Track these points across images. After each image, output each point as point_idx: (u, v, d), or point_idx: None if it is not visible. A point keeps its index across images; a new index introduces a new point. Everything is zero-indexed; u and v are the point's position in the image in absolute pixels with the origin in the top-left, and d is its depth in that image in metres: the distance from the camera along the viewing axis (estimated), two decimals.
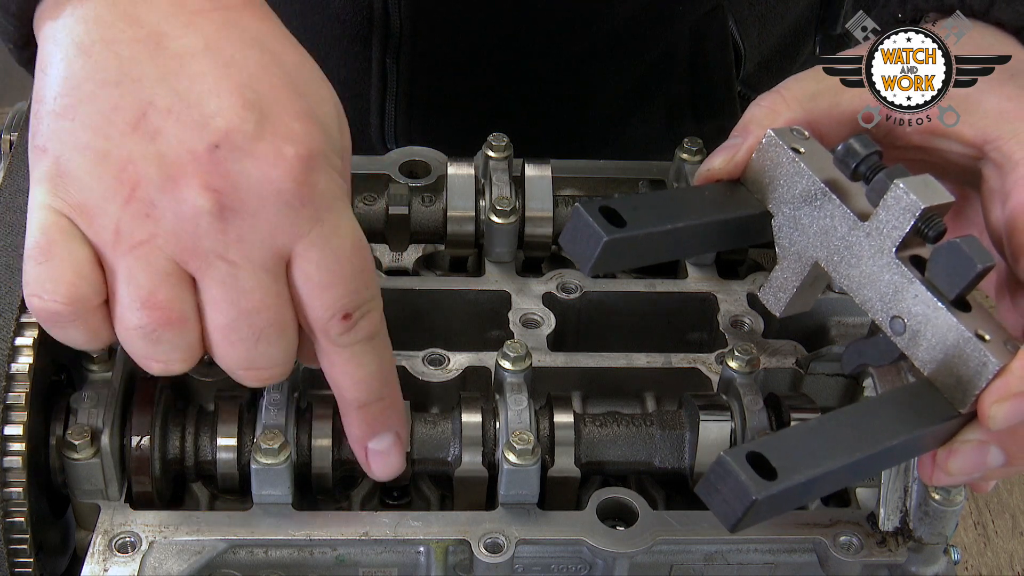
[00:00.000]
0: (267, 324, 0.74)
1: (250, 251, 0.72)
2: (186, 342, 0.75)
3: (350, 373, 0.79)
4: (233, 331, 0.74)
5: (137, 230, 0.72)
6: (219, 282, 0.73)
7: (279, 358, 0.77)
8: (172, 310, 0.73)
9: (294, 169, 0.72)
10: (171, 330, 0.74)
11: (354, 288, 0.76)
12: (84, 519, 0.88)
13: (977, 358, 0.74)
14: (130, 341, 0.75)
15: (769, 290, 0.84)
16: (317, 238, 0.74)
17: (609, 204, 0.77)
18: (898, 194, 0.76)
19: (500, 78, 1.30)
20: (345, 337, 0.77)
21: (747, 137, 0.84)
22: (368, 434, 0.82)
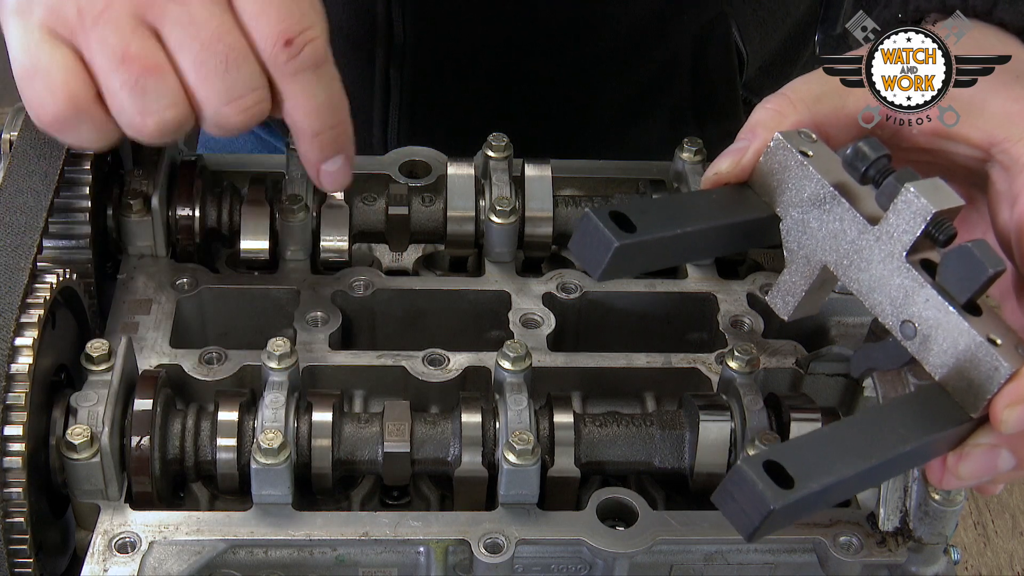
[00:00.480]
0: (229, 49, 0.81)
1: None
2: (169, 88, 0.81)
3: (302, 105, 0.86)
4: (203, 64, 0.81)
5: (95, 4, 0.80)
6: (176, 22, 0.80)
7: (252, 81, 0.82)
8: (147, 58, 0.80)
9: None
10: (151, 76, 0.80)
11: (291, 13, 0.82)
12: (84, 519, 0.88)
13: (989, 363, 0.74)
14: (120, 106, 0.81)
15: (777, 294, 0.84)
16: None
17: (619, 209, 0.77)
18: (909, 198, 0.76)
19: (502, 87, 1.30)
20: (291, 64, 0.83)
21: (754, 140, 0.84)
22: (321, 158, 0.90)
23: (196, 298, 1.00)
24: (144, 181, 1.00)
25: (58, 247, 0.95)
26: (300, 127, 0.88)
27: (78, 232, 0.95)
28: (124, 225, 1.00)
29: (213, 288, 1.00)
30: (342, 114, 0.89)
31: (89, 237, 0.95)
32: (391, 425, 0.88)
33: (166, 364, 0.94)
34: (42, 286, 0.84)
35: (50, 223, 0.90)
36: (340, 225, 1.03)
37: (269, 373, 0.88)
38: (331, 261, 1.03)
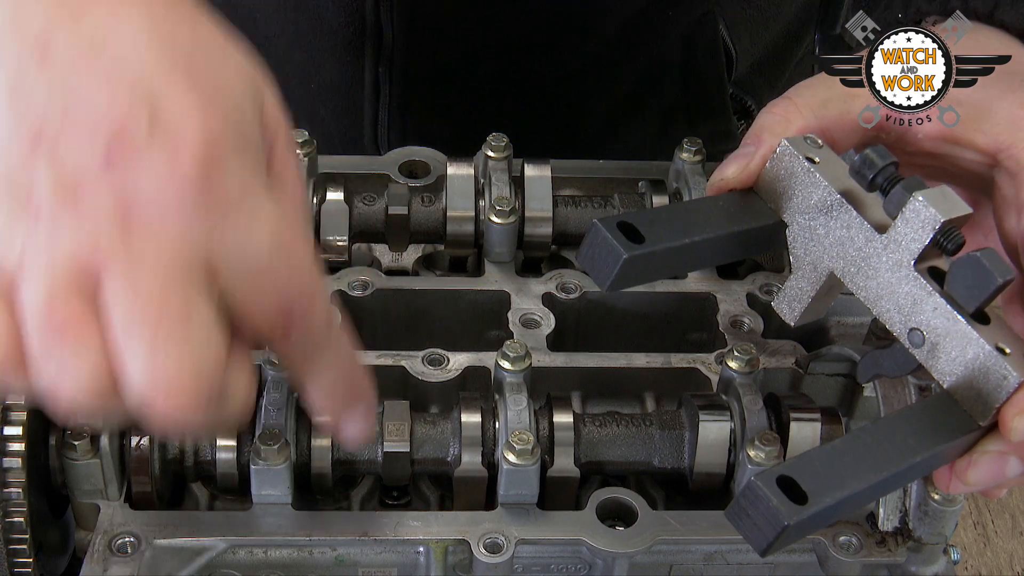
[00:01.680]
0: (165, 315, 0.65)
1: (155, 259, 0.66)
2: (88, 354, 0.66)
3: (309, 379, 0.73)
4: (129, 326, 0.66)
5: (40, 252, 0.66)
6: (119, 280, 0.66)
7: (182, 363, 0.66)
8: (70, 315, 0.66)
9: (192, 170, 0.66)
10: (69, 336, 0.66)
11: (283, 289, 0.69)
12: (84, 519, 0.88)
13: (998, 371, 0.74)
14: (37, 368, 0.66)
15: (783, 300, 0.84)
16: (229, 241, 0.67)
17: (627, 219, 0.77)
18: (917, 207, 0.76)
19: (492, 86, 1.30)
20: (292, 345, 0.71)
21: (760, 146, 0.83)
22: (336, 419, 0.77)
23: None
24: None
25: None
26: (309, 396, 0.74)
27: None
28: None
29: None
30: (354, 374, 0.76)
31: None
32: (391, 425, 0.88)
33: None
34: None
35: None
36: (340, 225, 1.03)
37: (270, 373, 0.88)
38: (331, 261, 1.03)
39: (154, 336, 0.65)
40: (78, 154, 0.66)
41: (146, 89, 0.67)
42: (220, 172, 0.67)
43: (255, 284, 0.68)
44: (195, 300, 0.66)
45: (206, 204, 0.67)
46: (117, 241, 0.66)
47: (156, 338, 0.65)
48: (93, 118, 0.67)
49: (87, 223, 0.66)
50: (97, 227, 0.66)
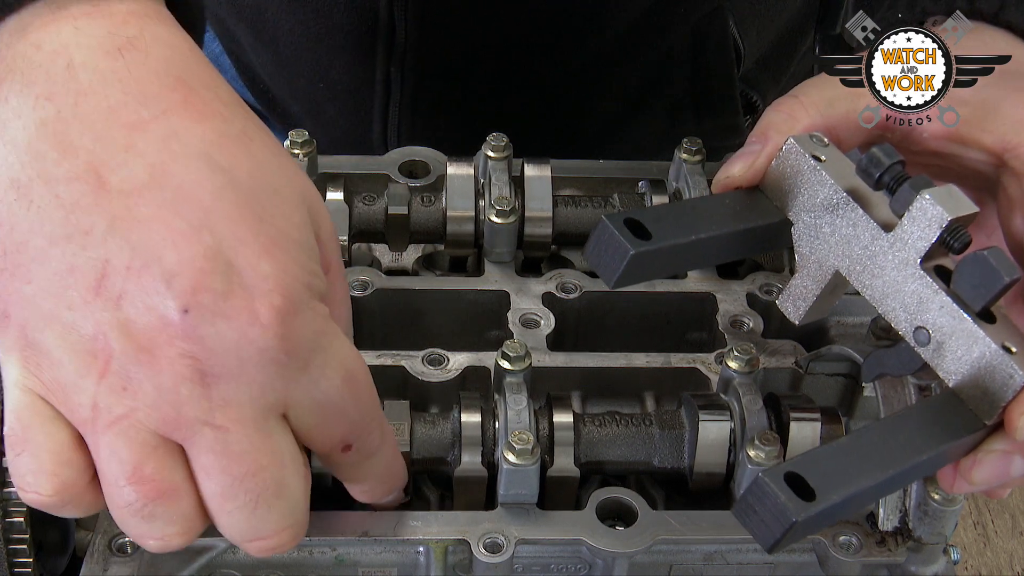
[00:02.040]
0: (264, 488, 0.69)
1: (239, 413, 0.68)
2: (181, 514, 0.69)
3: (359, 490, 0.81)
4: (229, 499, 0.69)
5: (115, 405, 0.67)
6: (208, 449, 0.68)
7: (282, 522, 0.71)
8: (161, 482, 0.68)
9: (273, 325, 0.67)
10: (163, 504, 0.69)
11: (351, 418, 0.73)
12: (84, 519, 0.88)
13: (1004, 370, 0.74)
14: (123, 520, 0.70)
15: (788, 298, 0.84)
16: (308, 383, 0.70)
17: (633, 216, 0.77)
18: (924, 205, 0.76)
19: (502, 84, 1.30)
20: (349, 460, 0.77)
21: (766, 144, 0.83)
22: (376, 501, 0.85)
23: None
24: None
25: None
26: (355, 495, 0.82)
27: None
28: None
29: None
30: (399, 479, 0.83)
31: None
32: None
33: None
34: None
35: None
36: (339, 225, 1.03)
37: None
38: None
39: (254, 506, 0.69)
40: (151, 308, 0.66)
41: (214, 234, 0.67)
42: (297, 322, 0.68)
43: (325, 419, 0.72)
44: (283, 452, 0.70)
45: (287, 356, 0.68)
46: (199, 401, 0.67)
47: (256, 507, 0.70)
48: (165, 268, 0.66)
49: (166, 382, 0.66)
50: (177, 387, 0.66)
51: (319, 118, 1.33)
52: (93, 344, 0.66)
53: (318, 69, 1.29)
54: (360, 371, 0.74)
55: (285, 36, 1.28)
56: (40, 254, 0.67)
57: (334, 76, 1.30)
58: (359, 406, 0.73)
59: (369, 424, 0.75)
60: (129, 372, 0.66)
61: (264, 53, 1.32)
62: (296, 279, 0.69)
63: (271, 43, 1.30)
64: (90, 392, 0.67)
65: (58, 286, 0.66)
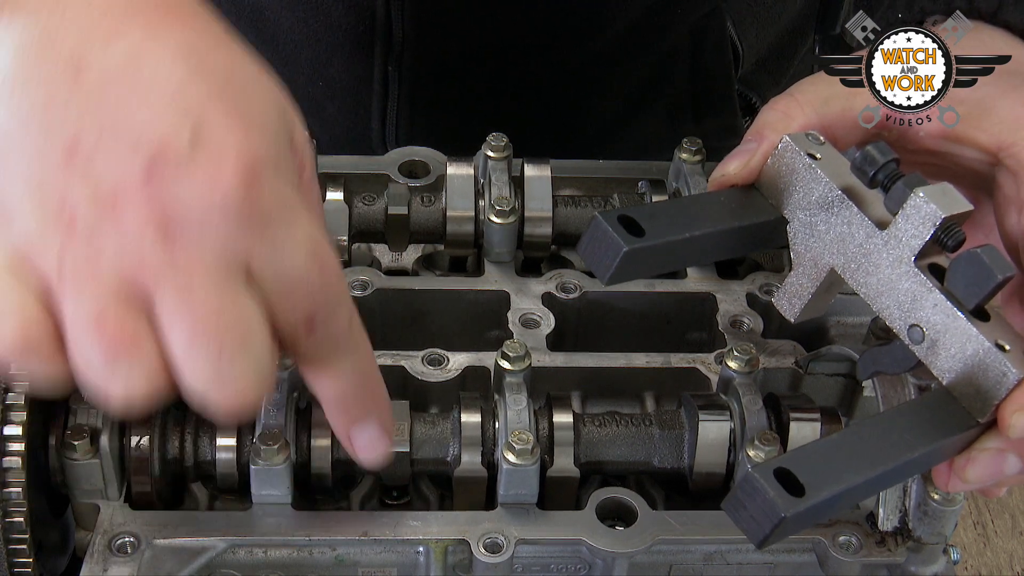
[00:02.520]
0: (227, 337, 0.69)
1: (201, 267, 0.69)
2: (144, 363, 0.69)
3: (323, 378, 0.77)
4: (193, 348, 0.69)
5: (80, 259, 0.68)
6: (172, 300, 0.69)
7: (247, 375, 0.71)
8: (125, 332, 0.68)
9: (235, 185, 0.68)
10: (127, 353, 0.69)
11: (314, 295, 0.73)
12: (84, 519, 0.88)
13: (997, 368, 0.74)
14: (87, 375, 0.69)
15: (783, 296, 0.84)
16: (270, 248, 0.71)
17: (627, 213, 0.77)
18: (918, 203, 0.76)
19: (501, 83, 1.30)
20: (311, 346, 0.74)
21: (762, 142, 0.84)
22: (348, 424, 0.80)
23: None
24: None
25: None
26: (323, 397, 0.78)
27: None
28: None
29: None
30: (369, 382, 0.79)
31: None
32: None
33: None
34: None
35: None
36: (339, 225, 1.03)
37: None
38: None
39: (219, 354, 0.69)
40: (117, 168, 0.68)
41: (185, 107, 0.69)
42: (260, 187, 0.69)
43: (288, 291, 0.71)
44: (248, 309, 0.70)
45: (248, 216, 0.69)
46: (162, 254, 0.68)
47: (221, 356, 0.69)
48: (133, 133, 0.68)
49: (130, 236, 0.68)
50: (141, 240, 0.68)
51: (318, 117, 1.33)
52: (60, 203, 0.68)
53: (317, 67, 1.30)
54: (326, 252, 0.73)
55: (284, 34, 1.29)
56: (16, 134, 0.69)
57: (333, 74, 1.30)
58: (324, 283, 0.73)
59: (335, 306, 0.74)
60: (94, 228, 0.68)
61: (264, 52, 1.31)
62: (265, 154, 0.70)
63: (270, 41, 1.30)
64: (55, 248, 0.68)
65: (32, 155, 0.69)
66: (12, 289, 0.69)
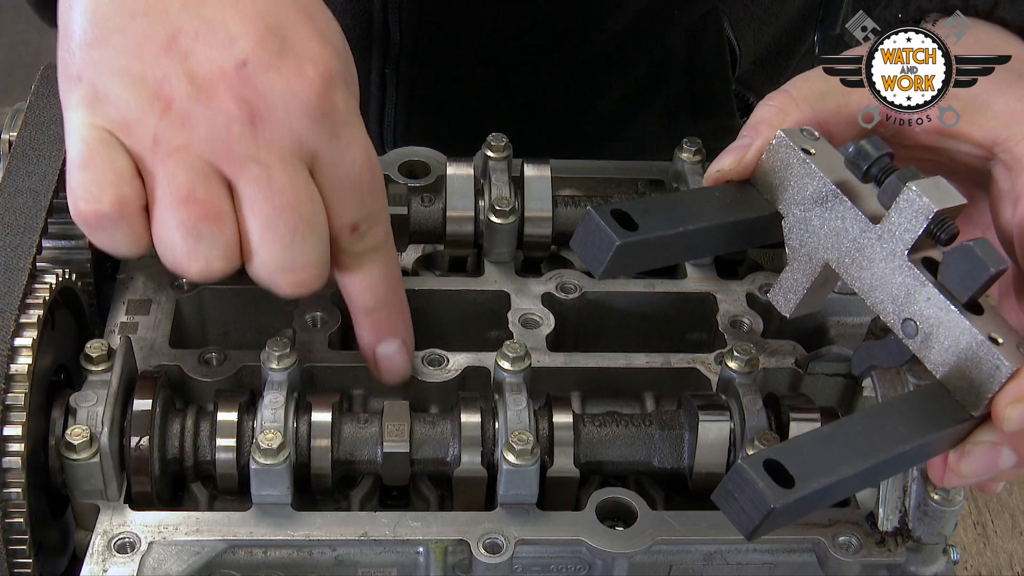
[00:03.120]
0: (300, 219, 0.79)
1: (280, 154, 0.78)
2: (225, 239, 0.78)
3: (358, 280, 0.86)
4: (270, 228, 0.79)
5: (174, 138, 0.77)
6: (254, 181, 0.78)
7: (314, 257, 0.80)
8: (211, 204, 0.78)
9: (315, 85, 0.79)
10: (210, 224, 0.78)
11: (364, 201, 0.83)
12: (83, 519, 0.88)
13: (990, 361, 0.74)
14: (170, 241, 0.78)
15: (779, 291, 0.84)
16: (335, 149, 0.80)
17: (620, 208, 0.77)
18: (910, 197, 0.76)
19: (498, 86, 1.30)
20: (354, 245, 0.84)
21: (757, 137, 0.84)
22: (376, 339, 0.90)
23: (196, 298, 1.00)
24: None
25: (58, 247, 0.94)
26: (356, 303, 0.88)
27: (77, 232, 0.95)
28: None
29: (213, 288, 1.00)
30: (396, 295, 0.90)
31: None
32: (390, 425, 0.88)
33: (165, 364, 0.94)
34: (41, 286, 0.84)
35: (50, 223, 0.90)
36: None
37: (269, 373, 0.88)
38: None
39: (292, 234, 0.79)
40: (213, 61, 0.78)
41: (275, 17, 0.80)
42: (334, 93, 0.80)
43: (344, 191, 0.82)
44: (316, 197, 0.80)
45: (323, 115, 0.80)
46: (248, 139, 0.78)
47: (294, 236, 0.79)
48: (229, 35, 0.78)
49: (221, 120, 0.78)
50: (230, 125, 0.78)
51: None
52: (158, 88, 0.78)
53: None
54: (377, 167, 0.84)
55: None
56: (118, 27, 0.79)
57: None
58: (373, 193, 0.83)
59: (378, 215, 0.85)
60: (188, 111, 0.77)
61: None
62: (339, 63, 0.82)
63: None
64: (152, 126, 0.78)
65: (132, 48, 0.78)
66: (111, 162, 0.78)
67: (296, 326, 0.97)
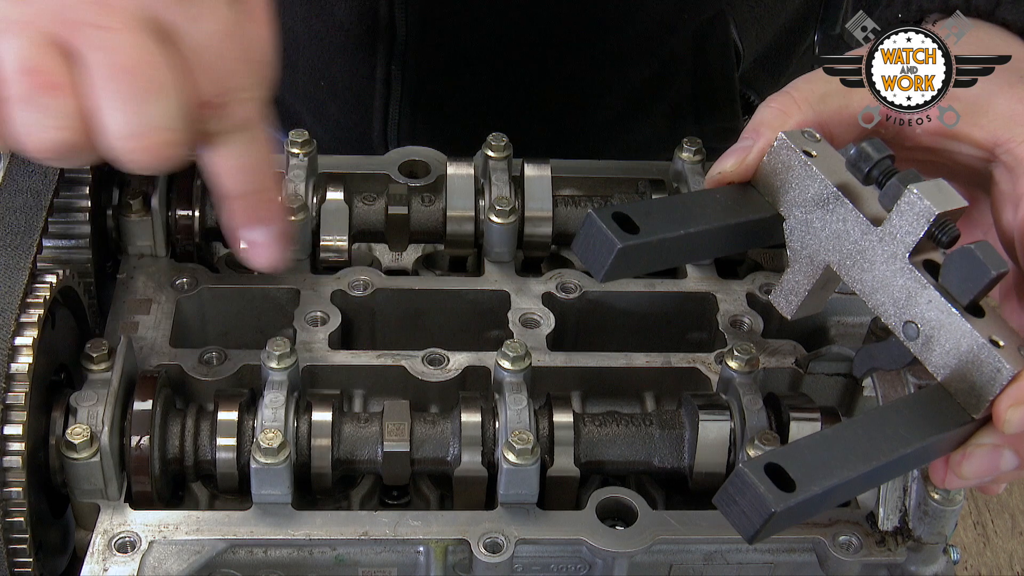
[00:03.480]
0: (145, 80, 0.76)
1: (123, 18, 0.76)
2: (66, 109, 0.76)
3: (220, 162, 0.83)
4: (113, 91, 0.76)
5: (13, 12, 0.76)
6: (96, 46, 0.76)
7: (163, 121, 0.77)
8: (48, 74, 0.75)
9: None
10: (50, 95, 0.75)
11: (223, 74, 0.79)
12: (83, 519, 0.88)
13: (991, 364, 0.74)
14: (12, 114, 0.76)
15: (780, 293, 0.84)
16: (187, 17, 0.78)
17: (622, 210, 0.77)
18: (912, 199, 0.76)
19: (503, 84, 1.30)
20: (215, 123, 0.80)
21: (758, 139, 0.84)
22: (240, 224, 0.86)
23: (196, 298, 1.00)
24: (144, 180, 1.00)
25: (58, 247, 0.95)
26: (220, 186, 0.85)
27: (78, 232, 0.95)
28: (124, 225, 1.00)
29: (213, 288, 1.00)
30: (265, 182, 0.85)
31: (89, 237, 0.95)
32: (390, 425, 0.88)
33: (166, 364, 0.94)
34: (42, 286, 0.84)
35: (50, 223, 0.90)
36: (340, 225, 1.03)
37: (269, 373, 0.88)
38: (331, 261, 1.03)
39: (135, 96, 0.76)
40: None
41: None
42: None
43: (199, 63, 0.78)
44: (165, 65, 0.77)
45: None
46: (91, 9, 0.76)
47: (138, 98, 0.76)
48: None
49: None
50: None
51: (321, 116, 1.33)
52: None
53: (319, 67, 1.30)
54: (243, 38, 0.81)
55: (288, 34, 1.29)
56: None
57: (335, 74, 1.30)
58: (236, 67, 0.80)
59: (243, 92, 0.81)
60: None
61: None
62: None
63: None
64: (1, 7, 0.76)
65: None
66: None
67: (296, 326, 0.97)
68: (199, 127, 0.80)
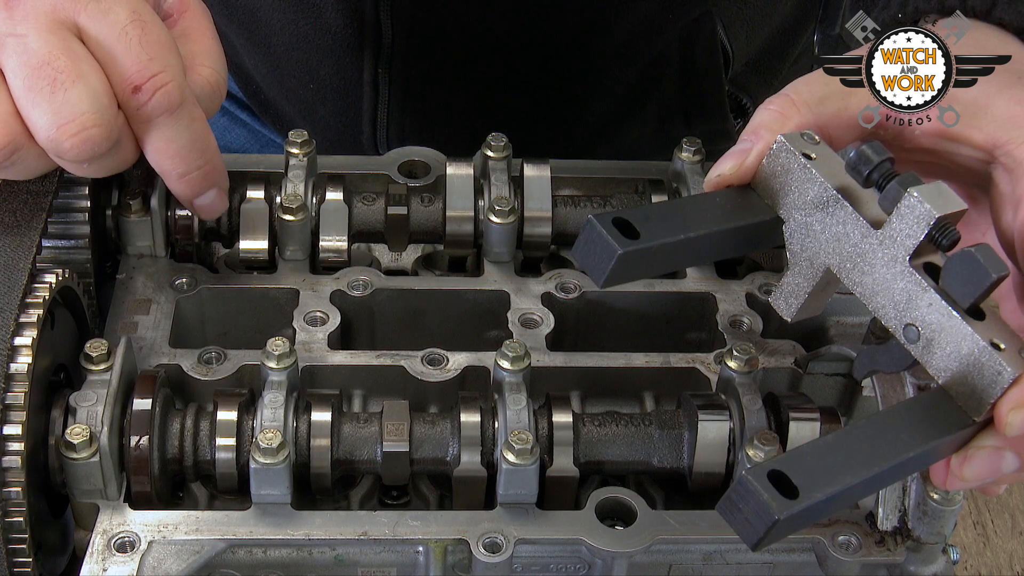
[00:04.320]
0: (59, 72, 0.81)
1: (36, 23, 0.82)
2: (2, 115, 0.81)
3: (162, 150, 0.87)
4: (30, 87, 0.81)
5: None
6: (12, 53, 0.81)
7: (83, 105, 0.81)
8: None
9: None
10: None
11: (139, 60, 0.83)
12: (83, 519, 0.88)
13: (992, 367, 0.74)
14: None
15: (780, 295, 0.84)
16: (95, 10, 0.83)
17: (622, 215, 0.76)
18: (912, 203, 0.76)
19: (491, 86, 1.30)
20: (143, 111, 0.84)
21: (757, 142, 0.83)
22: (192, 195, 0.91)
23: (195, 298, 1.00)
24: (144, 181, 1.00)
25: (57, 247, 0.95)
26: (164, 171, 0.89)
27: (77, 232, 0.95)
28: (123, 225, 1.00)
29: (212, 288, 1.00)
30: (207, 153, 0.90)
31: (88, 237, 0.95)
32: (390, 425, 0.88)
33: (165, 364, 0.94)
34: (41, 286, 0.84)
35: (49, 223, 0.90)
36: (339, 225, 1.03)
37: (268, 373, 0.88)
38: (330, 261, 1.03)
39: (52, 87, 0.80)
40: None
41: None
42: None
43: (113, 52, 0.83)
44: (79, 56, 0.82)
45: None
46: (5, 19, 0.82)
47: (55, 89, 0.80)
48: None
49: None
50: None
51: (311, 119, 1.33)
52: None
53: (308, 69, 1.30)
54: (151, 22, 0.85)
55: (276, 36, 1.29)
56: None
57: (324, 77, 1.30)
58: (150, 52, 0.84)
59: (163, 75, 0.84)
60: None
61: (256, 54, 1.32)
62: None
63: (263, 43, 1.30)
64: None
65: None
66: None
67: (295, 326, 0.97)
68: (129, 114, 0.84)
